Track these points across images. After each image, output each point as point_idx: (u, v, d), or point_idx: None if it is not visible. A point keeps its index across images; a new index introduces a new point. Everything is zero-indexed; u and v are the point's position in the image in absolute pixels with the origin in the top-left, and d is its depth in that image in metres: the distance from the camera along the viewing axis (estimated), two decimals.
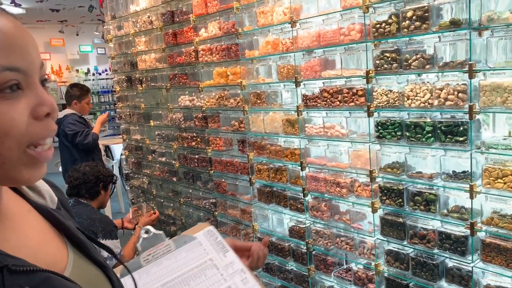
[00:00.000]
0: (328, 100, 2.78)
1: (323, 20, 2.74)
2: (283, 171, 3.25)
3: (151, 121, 4.71)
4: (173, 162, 4.46)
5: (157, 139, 4.72)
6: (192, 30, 3.78)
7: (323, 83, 2.84)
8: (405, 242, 2.51)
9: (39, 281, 0.62)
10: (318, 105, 2.85)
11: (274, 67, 3.19)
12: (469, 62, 2.06)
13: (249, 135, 3.46)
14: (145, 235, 1.23)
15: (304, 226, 3.16)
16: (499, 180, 2.07)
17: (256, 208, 3.56)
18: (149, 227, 1.25)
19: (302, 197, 3.12)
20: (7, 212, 0.71)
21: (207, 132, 3.90)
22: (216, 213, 3.99)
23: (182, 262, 1.10)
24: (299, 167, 3.10)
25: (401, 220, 2.50)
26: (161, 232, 1.24)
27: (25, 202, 0.79)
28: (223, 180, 3.82)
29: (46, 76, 0.71)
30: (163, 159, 4.67)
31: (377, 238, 2.69)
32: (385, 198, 2.55)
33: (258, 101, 3.31)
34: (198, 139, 4.01)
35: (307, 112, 3.00)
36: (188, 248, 1.14)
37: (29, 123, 0.63)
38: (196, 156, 4.06)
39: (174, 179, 4.53)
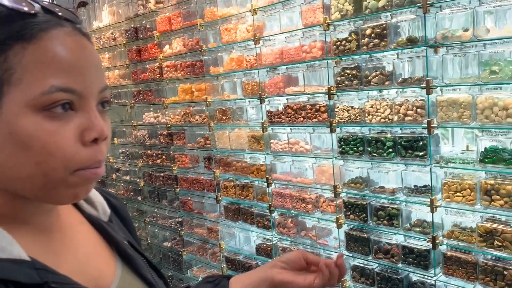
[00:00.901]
0: (292, 116, 2.79)
1: (285, 37, 2.76)
2: (249, 187, 3.22)
3: (115, 138, 4.60)
4: (138, 180, 4.36)
5: (121, 157, 4.61)
6: (156, 46, 3.75)
7: (287, 99, 2.86)
8: (370, 257, 2.51)
9: None
10: (283, 121, 2.86)
11: (239, 84, 3.18)
12: (426, 79, 2.11)
13: (215, 151, 3.42)
14: None
15: (271, 243, 3.13)
16: (458, 193, 2.11)
17: (223, 226, 3.50)
18: None
19: (269, 214, 3.10)
20: (59, 224, 0.71)
21: (172, 149, 3.84)
22: (182, 232, 3.91)
23: None
24: (265, 184, 3.08)
25: (365, 235, 2.51)
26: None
27: (79, 213, 0.79)
28: (189, 198, 3.76)
29: (108, 99, 0.69)
30: (128, 177, 4.56)
31: (343, 254, 2.68)
32: (349, 213, 2.56)
33: (224, 118, 3.29)
34: (164, 157, 3.94)
35: (272, 128, 3.00)
36: None
37: (76, 148, 0.61)
38: (162, 174, 3.98)
39: (139, 198, 4.43)
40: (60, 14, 0.63)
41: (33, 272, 0.59)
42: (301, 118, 2.74)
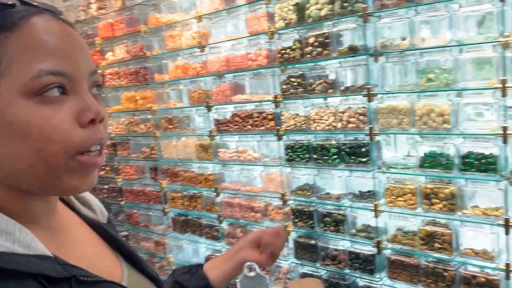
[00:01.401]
0: (239, 124, 2.76)
1: (231, 45, 2.74)
2: (197, 198, 3.16)
3: None
4: None
5: None
6: (99, 53, 3.61)
7: (234, 107, 2.83)
8: (318, 264, 2.52)
9: None
10: (231, 129, 2.83)
11: (185, 92, 3.12)
12: (368, 86, 2.16)
13: (162, 162, 3.33)
14: (249, 273, 1.10)
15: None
16: (400, 198, 2.16)
17: (171, 239, 3.40)
18: (255, 264, 1.11)
19: (218, 224, 3.04)
20: (63, 225, 0.72)
21: (116, 160, 3.69)
22: None
23: None
24: (214, 193, 3.03)
25: (313, 242, 2.51)
26: (266, 276, 1.10)
27: (77, 216, 0.79)
28: (135, 211, 3.63)
29: (99, 83, 0.69)
30: None
31: (292, 262, 2.68)
32: (297, 220, 2.56)
33: (170, 126, 3.21)
34: (107, 168, 3.79)
35: (220, 137, 2.95)
36: None
37: (74, 130, 0.61)
38: (106, 186, 3.82)
39: None
40: (39, 5, 0.63)
41: (59, 267, 0.60)
42: (249, 126, 2.72)
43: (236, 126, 2.78)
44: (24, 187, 0.62)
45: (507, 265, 1.89)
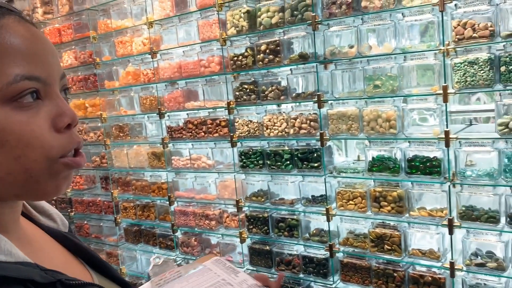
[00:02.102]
0: (193, 131, 2.73)
1: (183, 51, 2.72)
2: (151, 207, 3.09)
3: None
4: None
5: None
6: None
7: (187, 114, 2.80)
8: (273, 270, 2.52)
9: None
10: (184, 136, 2.79)
11: (136, 99, 3.06)
12: (318, 93, 2.20)
13: (113, 171, 3.23)
14: (156, 262, 1.20)
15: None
16: (350, 202, 2.21)
17: (123, 250, 3.30)
18: (161, 255, 1.14)
19: (172, 234, 2.99)
20: (28, 234, 0.70)
21: None
22: None
23: (194, 284, 1.04)
24: (168, 202, 2.97)
25: (267, 248, 2.52)
26: (170, 260, 1.13)
27: (36, 226, 0.77)
28: (85, 222, 3.49)
29: (67, 86, 0.68)
30: None
31: (247, 269, 2.67)
32: (252, 227, 2.56)
33: (121, 134, 3.12)
34: None
35: (173, 144, 2.91)
36: (198, 273, 1.10)
37: (52, 136, 0.60)
38: (54, 198, 3.66)
39: None
40: (3, 6, 0.61)
41: (42, 272, 0.60)
42: (202, 133, 2.69)
43: (190, 133, 2.75)
44: (0, 195, 0.61)
45: (452, 263, 1.97)
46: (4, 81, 0.56)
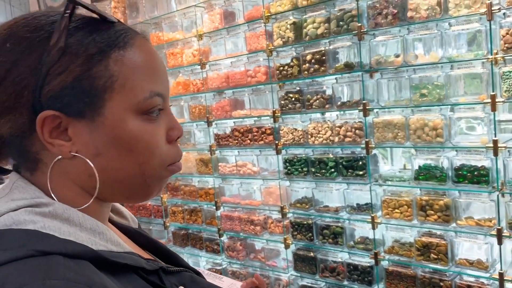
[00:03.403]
0: (239, 139, 2.83)
1: (231, 62, 2.83)
2: (198, 212, 3.20)
3: None
4: None
5: None
6: None
7: (234, 122, 2.90)
8: (317, 276, 2.56)
9: (187, 280, 0.71)
10: (230, 144, 2.89)
11: (186, 107, 3.20)
12: (363, 102, 2.23)
13: None
14: None
15: (221, 268, 3.10)
16: (396, 210, 2.22)
17: None
18: None
19: (218, 238, 3.09)
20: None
21: None
22: None
23: None
24: (214, 207, 3.08)
25: (312, 254, 2.56)
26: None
27: (111, 224, 0.81)
28: None
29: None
30: None
31: (291, 274, 2.72)
32: (296, 233, 2.61)
33: None
34: None
35: (220, 151, 3.02)
36: None
37: (166, 146, 0.66)
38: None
39: None
40: (129, 27, 0.66)
41: (145, 261, 0.65)
42: (248, 141, 2.78)
43: (236, 141, 2.85)
44: (113, 196, 0.67)
45: (501, 274, 1.94)
46: (142, 96, 0.62)
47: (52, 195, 0.62)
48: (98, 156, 0.61)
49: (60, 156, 0.61)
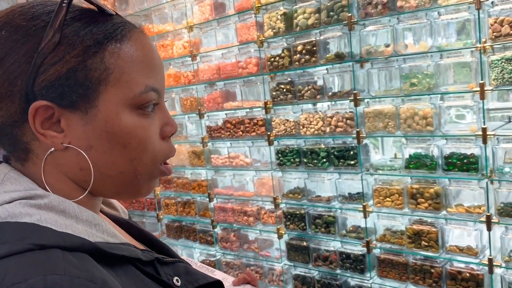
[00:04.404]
0: (231, 130, 2.83)
1: (222, 53, 2.82)
2: (191, 204, 3.21)
3: None
4: None
5: None
6: None
7: (225, 114, 2.90)
8: (310, 265, 2.59)
9: (181, 270, 0.70)
10: (222, 135, 2.90)
11: (177, 100, 3.19)
12: (354, 92, 2.25)
13: None
14: None
15: (215, 259, 3.12)
16: (387, 199, 2.24)
17: None
18: None
19: (211, 229, 3.10)
20: None
21: None
22: None
23: None
24: (207, 199, 3.09)
25: (305, 243, 2.58)
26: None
27: (102, 214, 0.80)
28: None
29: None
30: None
31: (285, 264, 2.74)
32: (289, 223, 2.63)
33: None
34: None
35: (212, 143, 3.02)
36: None
37: (160, 142, 0.65)
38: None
39: None
40: (127, 21, 0.65)
41: (140, 252, 0.65)
42: (240, 132, 2.79)
43: (228, 133, 2.85)
44: (104, 191, 0.66)
45: (490, 260, 1.97)
46: (137, 90, 0.61)
47: (46, 186, 0.61)
48: (90, 149, 0.61)
49: (53, 148, 0.61)
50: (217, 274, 1.15)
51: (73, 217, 0.59)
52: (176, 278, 0.68)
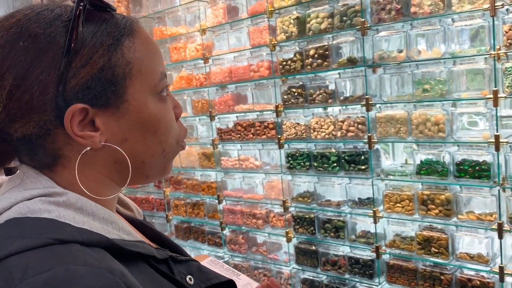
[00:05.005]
0: (241, 133, 2.85)
1: (234, 57, 2.84)
2: (200, 205, 3.23)
3: None
4: None
5: None
6: None
7: (236, 117, 2.91)
8: (318, 270, 2.59)
9: (194, 269, 0.71)
10: (233, 138, 2.91)
11: (188, 102, 3.21)
12: (366, 97, 2.25)
13: None
14: None
15: (223, 261, 3.13)
16: (398, 204, 2.24)
17: None
18: None
19: (220, 231, 3.11)
20: None
21: None
22: None
23: None
24: (216, 201, 3.10)
25: (313, 248, 2.58)
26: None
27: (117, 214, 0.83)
28: None
29: None
30: None
31: (293, 268, 2.74)
32: (298, 227, 2.63)
33: None
34: None
35: (222, 145, 3.04)
36: None
37: (176, 123, 0.70)
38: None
39: None
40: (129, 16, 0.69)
41: (155, 250, 0.66)
42: (251, 135, 2.80)
43: (238, 135, 2.86)
44: (136, 177, 0.68)
45: (501, 268, 1.96)
46: (157, 78, 0.66)
47: (82, 188, 0.63)
48: (125, 142, 0.64)
49: (88, 148, 0.62)
50: (242, 279, 1.14)
51: (90, 214, 0.61)
52: (189, 276, 0.69)
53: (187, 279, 0.68)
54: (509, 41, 1.85)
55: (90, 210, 0.61)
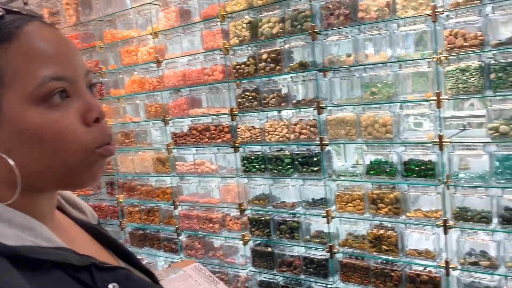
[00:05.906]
0: (197, 137, 2.83)
1: (187, 60, 2.82)
2: (155, 211, 3.17)
3: None
4: None
5: None
6: None
7: (191, 121, 2.89)
8: (274, 271, 2.60)
9: (121, 277, 0.69)
10: (188, 142, 2.88)
11: (141, 106, 3.15)
12: (317, 100, 2.30)
13: (118, 176, 3.32)
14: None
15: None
16: (349, 204, 2.29)
17: None
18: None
19: (176, 237, 3.07)
20: (61, 224, 0.75)
21: None
22: None
23: None
24: (172, 206, 3.06)
25: (269, 249, 2.60)
26: (153, 262, 1.13)
27: (69, 219, 0.81)
28: None
29: (93, 82, 0.72)
30: None
31: (250, 270, 2.75)
32: (254, 229, 2.64)
33: (127, 141, 3.22)
34: None
35: (177, 150, 3.00)
36: (179, 278, 1.14)
37: (84, 130, 0.64)
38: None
39: None
40: (23, 12, 0.65)
41: (78, 257, 0.65)
42: (206, 139, 2.78)
43: (193, 139, 2.84)
44: (41, 187, 0.66)
45: (447, 262, 2.05)
46: (34, 84, 0.60)
47: None
48: (10, 152, 0.61)
49: None
50: (220, 287, 1.14)
51: (6, 220, 0.60)
52: (113, 284, 0.67)
53: (109, 286, 0.66)
54: (449, 45, 1.94)
55: (6, 216, 0.61)
